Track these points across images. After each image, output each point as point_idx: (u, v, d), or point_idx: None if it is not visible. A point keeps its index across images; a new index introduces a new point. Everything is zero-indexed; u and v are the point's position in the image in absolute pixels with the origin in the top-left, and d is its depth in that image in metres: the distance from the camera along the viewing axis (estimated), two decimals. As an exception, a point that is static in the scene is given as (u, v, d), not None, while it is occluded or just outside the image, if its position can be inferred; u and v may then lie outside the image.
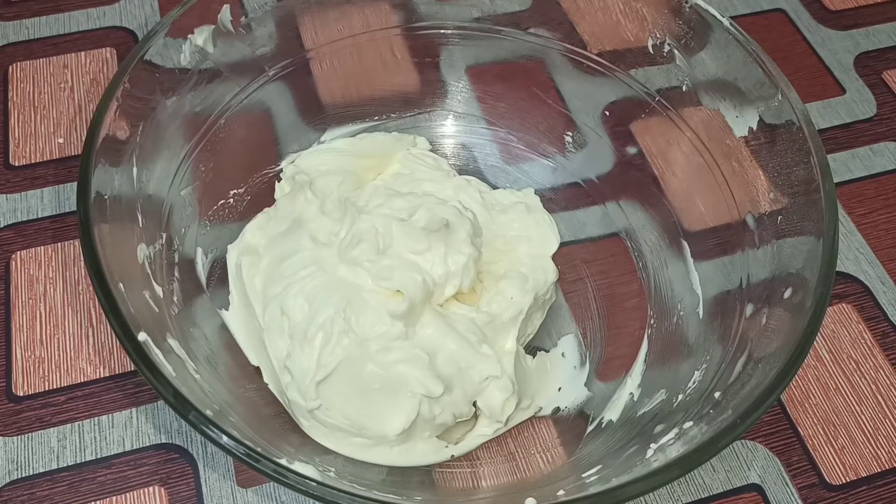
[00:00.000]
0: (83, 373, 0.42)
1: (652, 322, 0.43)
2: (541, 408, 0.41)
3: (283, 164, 0.46)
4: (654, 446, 0.34)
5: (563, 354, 0.43)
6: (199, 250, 0.43)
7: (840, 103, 0.54)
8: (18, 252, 0.46)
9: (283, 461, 0.30)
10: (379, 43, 0.47)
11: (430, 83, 0.49)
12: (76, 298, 0.44)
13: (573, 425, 0.41)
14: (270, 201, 0.45)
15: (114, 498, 0.39)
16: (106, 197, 0.36)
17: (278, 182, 0.46)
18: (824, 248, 0.34)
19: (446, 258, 0.39)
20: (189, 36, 0.41)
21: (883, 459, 0.42)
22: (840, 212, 0.49)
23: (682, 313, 0.42)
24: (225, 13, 0.42)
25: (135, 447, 0.40)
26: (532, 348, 0.43)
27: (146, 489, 0.39)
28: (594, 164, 0.47)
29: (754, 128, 0.39)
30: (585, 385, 0.42)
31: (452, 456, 0.39)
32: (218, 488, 0.39)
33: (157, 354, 0.33)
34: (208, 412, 0.31)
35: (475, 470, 0.40)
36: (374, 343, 0.37)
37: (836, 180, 0.46)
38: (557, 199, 0.47)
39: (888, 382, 0.44)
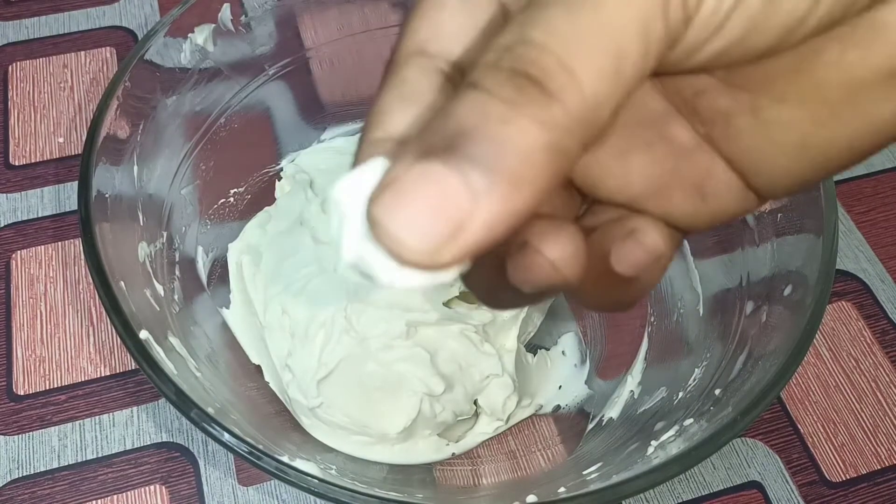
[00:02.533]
0: (84, 372, 0.42)
1: (652, 320, 0.43)
2: (541, 406, 0.41)
3: (283, 163, 0.46)
4: (654, 443, 0.34)
5: (563, 352, 0.43)
6: (200, 249, 0.43)
7: (839, 102, 0.54)
8: (19, 251, 0.46)
9: (285, 459, 0.30)
10: (379, 42, 0.47)
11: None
12: (77, 297, 0.44)
13: (574, 423, 0.41)
14: (271, 200, 0.45)
15: (115, 497, 0.39)
16: (107, 196, 0.35)
17: (278, 181, 0.46)
18: (824, 246, 0.34)
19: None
20: (189, 35, 0.40)
21: (883, 456, 0.42)
22: (839, 210, 0.49)
23: (682, 311, 0.42)
24: (225, 12, 0.42)
25: (136, 446, 0.40)
26: (532, 346, 0.43)
27: (147, 488, 0.39)
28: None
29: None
30: (586, 383, 0.42)
31: (453, 454, 0.39)
32: (219, 486, 0.39)
33: (159, 352, 0.33)
34: (210, 410, 0.31)
35: (476, 468, 0.40)
36: (374, 341, 0.38)
37: (834, 178, 0.46)
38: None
39: (888, 380, 0.44)
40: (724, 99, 0.20)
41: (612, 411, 0.40)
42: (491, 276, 0.21)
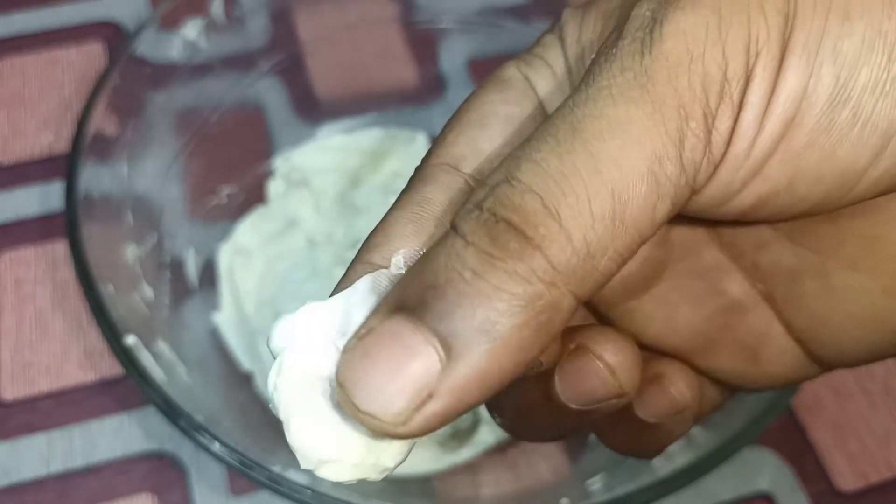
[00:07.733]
0: (73, 377, 0.41)
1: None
2: (544, 413, 0.41)
3: (276, 162, 0.46)
4: (660, 453, 0.33)
5: (566, 358, 0.42)
6: (191, 250, 0.42)
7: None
8: (6, 252, 0.45)
9: (277, 469, 0.30)
10: (376, 36, 0.46)
11: (429, 78, 0.49)
12: (65, 300, 0.44)
13: (578, 432, 0.40)
14: (263, 200, 0.44)
15: (103, 506, 0.38)
16: (94, 196, 0.35)
17: (272, 180, 0.45)
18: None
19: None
20: (181, 29, 0.40)
21: (895, 465, 0.41)
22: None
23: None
24: (217, 6, 0.41)
25: (125, 453, 0.39)
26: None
27: (137, 496, 0.38)
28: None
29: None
30: (589, 389, 0.41)
31: (453, 464, 0.38)
32: (211, 496, 0.38)
33: (147, 358, 0.32)
34: (199, 418, 0.30)
35: (476, 478, 0.39)
36: (371, 346, 0.37)
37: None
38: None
39: (899, 385, 0.43)
40: (790, 257, 0.18)
41: (617, 419, 0.39)
42: (528, 397, 0.19)
